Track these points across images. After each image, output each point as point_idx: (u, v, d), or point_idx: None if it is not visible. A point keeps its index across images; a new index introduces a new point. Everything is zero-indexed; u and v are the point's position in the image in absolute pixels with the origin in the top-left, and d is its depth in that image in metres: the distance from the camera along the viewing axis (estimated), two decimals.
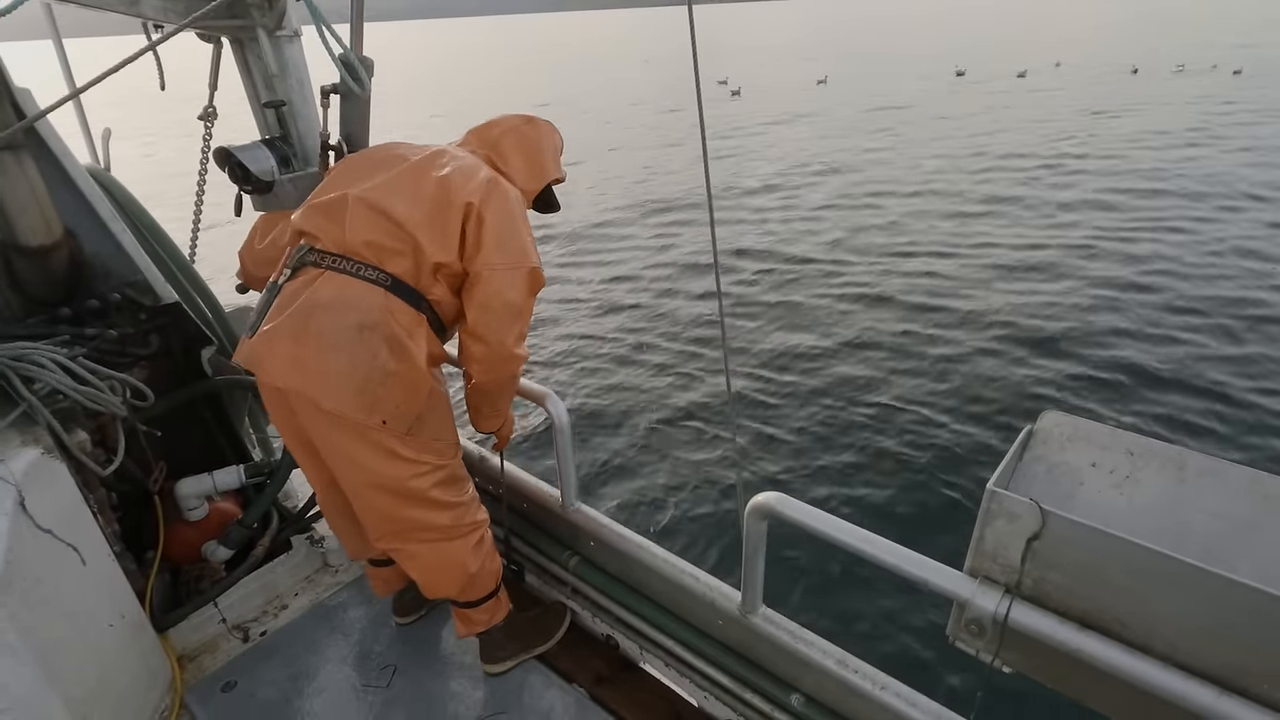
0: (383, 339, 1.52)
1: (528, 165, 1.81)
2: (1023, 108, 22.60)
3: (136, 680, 1.86)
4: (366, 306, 1.52)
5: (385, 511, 1.71)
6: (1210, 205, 11.34)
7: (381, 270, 1.56)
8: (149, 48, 1.76)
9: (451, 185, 1.60)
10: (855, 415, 6.10)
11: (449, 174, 1.62)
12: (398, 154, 1.71)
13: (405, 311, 1.56)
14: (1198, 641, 0.95)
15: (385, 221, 1.57)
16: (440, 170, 1.63)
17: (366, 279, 1.55)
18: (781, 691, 1.64)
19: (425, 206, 1.58)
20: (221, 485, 2.25)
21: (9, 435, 1.62)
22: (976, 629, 1.12)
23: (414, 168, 1.65)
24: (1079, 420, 1.18)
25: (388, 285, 1.55)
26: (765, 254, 10.36)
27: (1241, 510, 1.04)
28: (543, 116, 1.90)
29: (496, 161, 1.78)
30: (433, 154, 1.70)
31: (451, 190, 1.59)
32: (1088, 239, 10.04)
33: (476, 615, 1.94)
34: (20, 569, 1.46)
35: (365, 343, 1.51)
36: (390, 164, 1.67)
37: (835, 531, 1.32)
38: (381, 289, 1.55)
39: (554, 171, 1.87)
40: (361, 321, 1.51)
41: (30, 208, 1.83)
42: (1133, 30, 60.51)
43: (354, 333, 1.51)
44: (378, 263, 1.56)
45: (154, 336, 2.18)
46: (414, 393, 1.57)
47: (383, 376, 1.52)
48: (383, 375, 1.52)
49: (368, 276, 1.55)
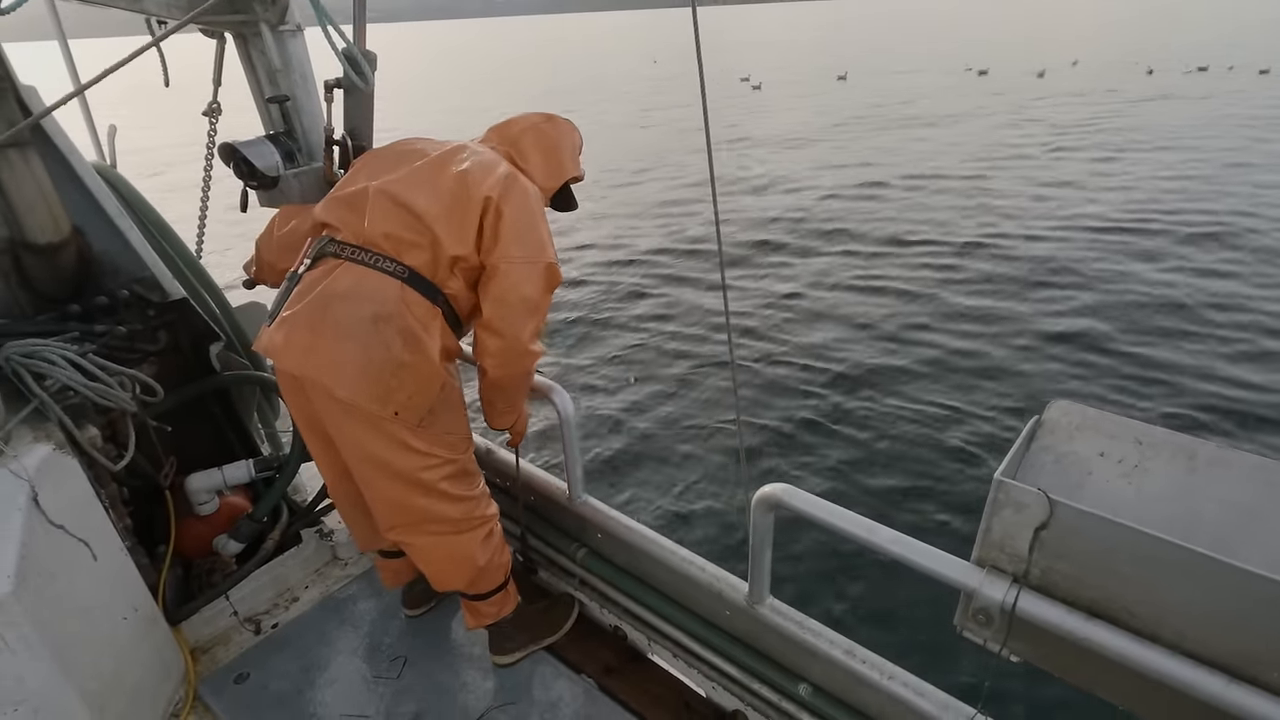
0: (397, 330, 1.53)
1: (547, 163, 1.81)
2: (1048, 107, 22.33)
3: (151, 673, 1.88)
4: (382, 298, 1.54)
5: (396, 502, 1.72)
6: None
7: (399, 262, 1.57)
8: (153, 43, 1.76)
9: (470, 179, 1.60)
10: (862, 405, 6.09)
11: (468, 168, 1.63)
12: (419, 149, 1.73)
13: (421, 304, 1.57)
14: (1207, 630, 0.95)
15: (405, 214, 1.59)
16: (460, 165, 1.64)
17: (384, 270, 1.56)
18: (789, 681, 1.65)
19: (445, 200, 1.59)
20: (231, 480, 2.27)
21: (21, 431, 1.63)
22: (984, 618, 1.12)
23: (434, 162, 1.66)
24: (1087, 409, 1.17)
25: (404, 277, 1.56)
26: (777, 246, 10.33)
27: (1251, 498, 1.04)
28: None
29: (516, 158, 1.78)
30: (453, 149, 1.71)
31: (470, 184, 1.60)
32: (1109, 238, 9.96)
33: (485, 608, 1.95)
34: (34, 564, 1.48)
35: (379, 334, 1.52)
36: (411, 158, 1.69)
37: (842, 522, 1.32)
38: (398, 281, 1.56)
39: (572, 169, 1.87)
40: (377, 312, 1.52)
41: (38, 205, 1.84)
42: (1139, 28, 59.82)
43: (369, 323, 1.52)
44: (396, 255, 1.57)
45: (162, 332, 2.20)
46: (427, 385, 1.58)
47: (396, 368, 1.53)
48: (396, 366, 1.53)
49: (385, 268, 1.56)
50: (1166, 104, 21.21)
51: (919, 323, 7.55)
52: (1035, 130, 18.38)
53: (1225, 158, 14.19)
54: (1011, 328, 7.28)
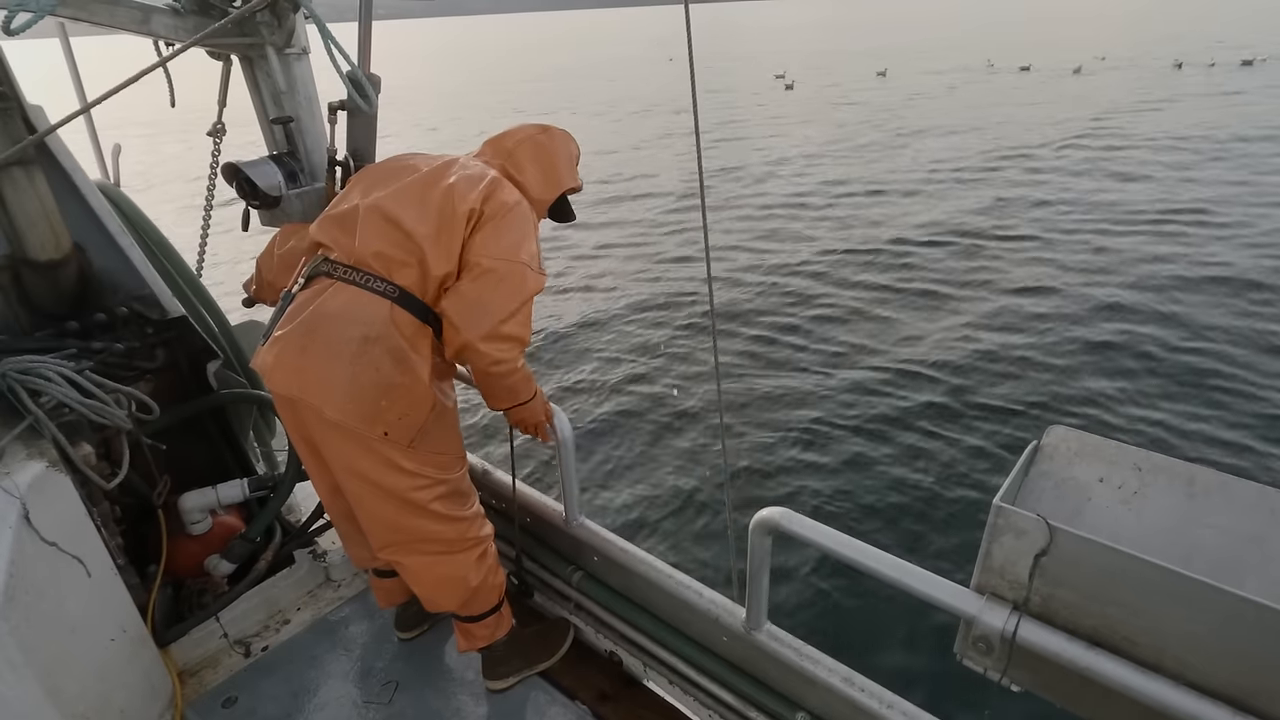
0: (385, 351, 1.53)
1: (543, 175, 1.81)
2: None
3: (137, 695, 1.85)
4: (370, 318, 1.54)
5: (387, 521, 1.71)
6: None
7: (390, 282, 1.57)
8: (159, 64, 1.78)
9: (456, 194, 1.61)
10: (860, 428, 6.08)
11: (454, 182, 1.63)
12: (410, 164, 1.74)
13: (411, 324, 1.57)
14: (1209, 659, 0.94)
15: (394, 231, 1.59)
16: (448, 180, 1.65)
17: (374, 290, 1.56)
18: (787, 710, 1.62)
19: (432, 219, 1.59)
20: (225, 499, 2.25)
21: (14, 448, 1.63)
22: (984, 646, 1.11)
23: (424, 178, 1.67)
24: (1086, 435, 1.17)
25: (394, 297, 1.56)
26: (762, 253, 10.37)
27: (1250, 526, 1.03)
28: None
29: (512, 171, 1.78)
30: (444, 164, 1.72)
31: (456, 199, 1.60)
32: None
33: (478, 630, 1.92)
34: (23, 582, 1.46)
35: (368, 354, 1.52)
36: (402, 174, 1.70)
37: (840, 547, 1.31)
38: (388, 301, 1.55)
39: (569, 180, 1.87)
40: (365, 334, 1.52)
41: (40, 222, 1.85)
42: (1159, 21, 59.86)
43: (357, 344, 1.52)
44: (386, 274, 1.57)
45: (160, 350, 2.19)
46: (416, 405, 1.58)
47: (385, 389, 1.53)
48: (385, 387, 1.53)
49: (375, 288, 1.56)
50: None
51: (915, 337, 7.57)
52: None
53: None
54: (1019, 343, 7.29)
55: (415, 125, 26.59)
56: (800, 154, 18.07)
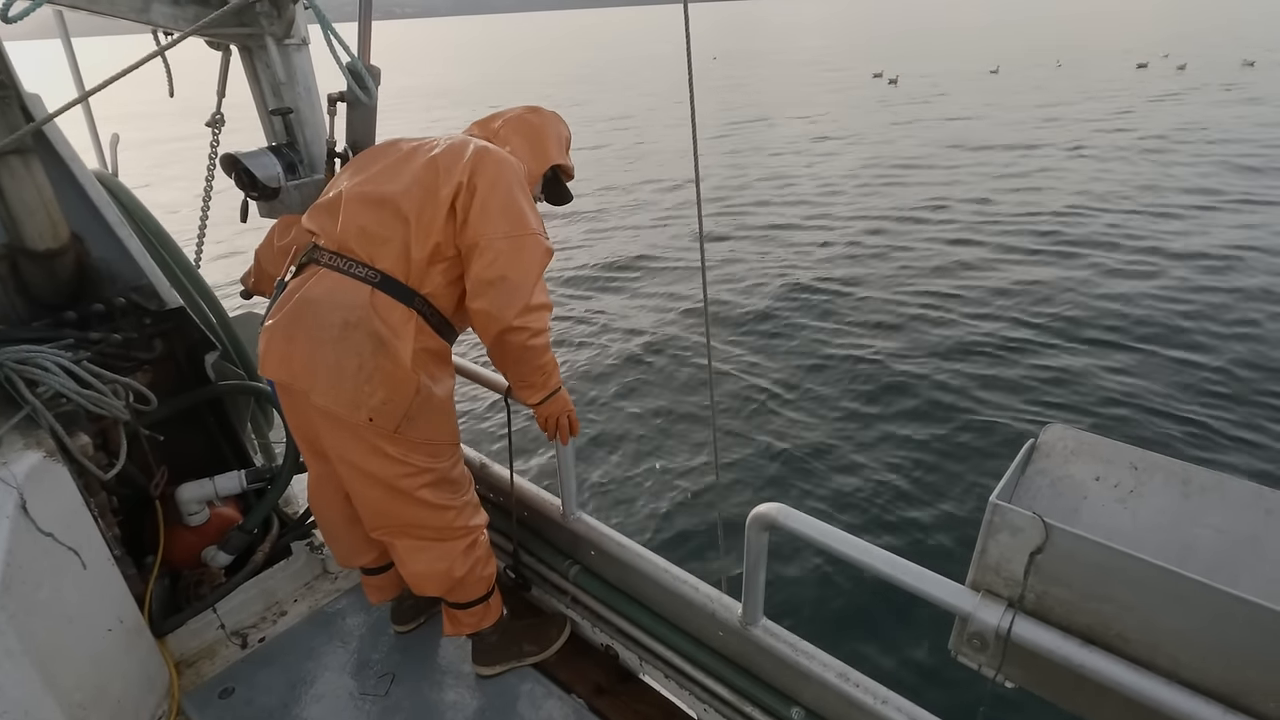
0: (366, 335, 1.54)
1: (529, 145, 1.79)
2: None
3: (134, 685, 1.85)
4: (350, 304, 1.54)
5: (377, 505, 1.74)
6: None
7: (370, 267, 1.57)
8: (157, 53, 1.78)
9: (440, 164, 1.60)
10: (856, 425, 6.09)
11: (438, 154, 1.63)
12: (395, 146, 1.74)
13: (393, 308, 1.56)
14: (1203, 658, 0.94)
15: (375, 208, 1.59)
16: (431, 152, 1.65)
17: (355, 276, 1.57)
18: (782, 704, 1.63)
19: (416, 191, 1.58)
20: (223, 490, 2.25)
21: (11, 438, 1.62)
22: (979, 643, 1.11)
23: (406, 154, 1.68)
24: (1082, 434, 1.17)
25: (375, 282, 1.56)
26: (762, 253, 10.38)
27: (1245, 525, 1.03)
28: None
29: (495, 143, 1.76)
30: (428, 142, 1.72)
31: (440, 169, 1.59)
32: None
33: (464, 617, 1.94)
34: (20, 572, 1.46)
35: (349, 340, 1.53)
36: (385, 155, 1.71)
37: (836, 543, 1.32)
38: (369, 286, 1.56)
39: (557, 156, 1.85)
40: (346, 319, 1.54)
41: (38, 212, 1.84)
42: (1207, 18, 58.99)
43: (339, 330, 1.53)
44: (368, 259, 1.58)
45: (158, 341, 2.19)
46: (398, 391, 1.58)
47: (367, 374, 1.54)
48: (367, 373, 1.54)
49: (356, 274, 1.57)
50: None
51: (911, 336, 7.57)
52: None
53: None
54: (1018, 340, 7.30)
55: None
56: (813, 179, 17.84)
